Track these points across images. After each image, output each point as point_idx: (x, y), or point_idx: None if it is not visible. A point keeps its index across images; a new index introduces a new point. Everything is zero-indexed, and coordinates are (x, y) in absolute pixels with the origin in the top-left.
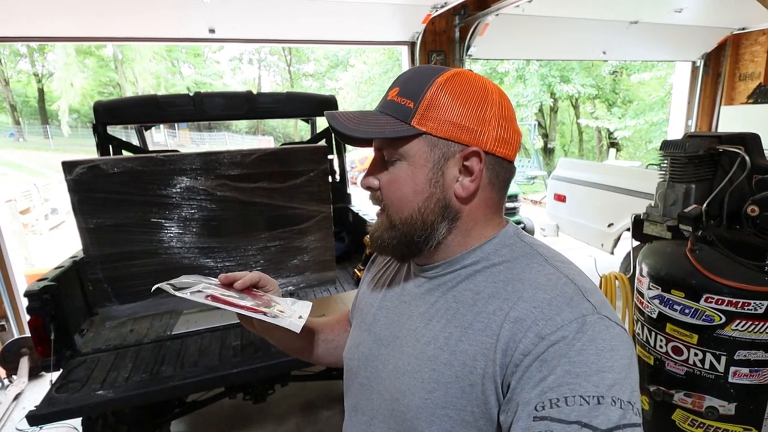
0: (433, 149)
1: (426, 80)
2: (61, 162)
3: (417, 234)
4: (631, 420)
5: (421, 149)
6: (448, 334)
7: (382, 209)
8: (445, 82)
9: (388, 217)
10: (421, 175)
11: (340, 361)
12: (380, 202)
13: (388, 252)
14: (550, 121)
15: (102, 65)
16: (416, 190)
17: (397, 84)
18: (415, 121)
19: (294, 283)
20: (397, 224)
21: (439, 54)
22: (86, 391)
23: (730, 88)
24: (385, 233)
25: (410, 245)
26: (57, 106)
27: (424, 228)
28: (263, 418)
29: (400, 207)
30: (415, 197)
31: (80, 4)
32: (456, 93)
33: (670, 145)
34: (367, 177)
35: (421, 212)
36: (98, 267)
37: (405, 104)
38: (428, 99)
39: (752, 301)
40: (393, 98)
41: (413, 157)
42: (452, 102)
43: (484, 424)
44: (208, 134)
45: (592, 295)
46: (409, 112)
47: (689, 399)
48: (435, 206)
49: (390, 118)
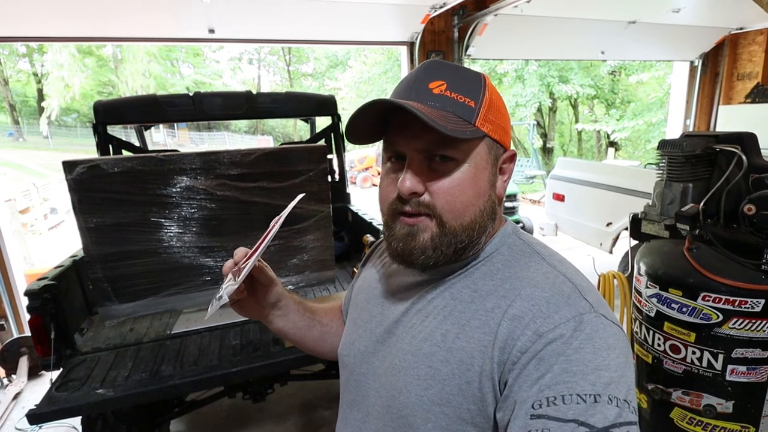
0: (490, 151)
1: (477, 79)
2: (62, 161)
3: (474, 238)
4: (627, 418)
5: (482, 151)
6: (445, 330)
7: (427, 216)
8: (491, 85)
9: (441, 225)
10: (483, 178)
11: (331, 351)
12: (427, 208)
13: (437, 263)
14: (549, 121)
15: (102, 65)
16: (478, 192)
17: (439, 77)
18: (479, 121)
19: (293, 282)
20: (456, 230)
21: (438, 54)
22: (86, 390)
23: (728, 88)
24: (438, 240)
25: (461, 251)
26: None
27: (480, 231)
28: (262, 417)
29: (462, 212)
30: (477, 200)
31: (80, 4)
32: (498, 96)
33: (667, 144)
34: (411, 181)
35: (482, 215)
36: (98, 266)
37: (466, 102)
38: (488, 100)
39: (749, 300)
40: (443, 93)
41: (476, 158)
42: (499, 104)
43: (480, 421)
44: (207, 134)
45: (589, 293)
46: (471, 111)
47: (687, 397)
48: (490, 208)
49: (452, 116)
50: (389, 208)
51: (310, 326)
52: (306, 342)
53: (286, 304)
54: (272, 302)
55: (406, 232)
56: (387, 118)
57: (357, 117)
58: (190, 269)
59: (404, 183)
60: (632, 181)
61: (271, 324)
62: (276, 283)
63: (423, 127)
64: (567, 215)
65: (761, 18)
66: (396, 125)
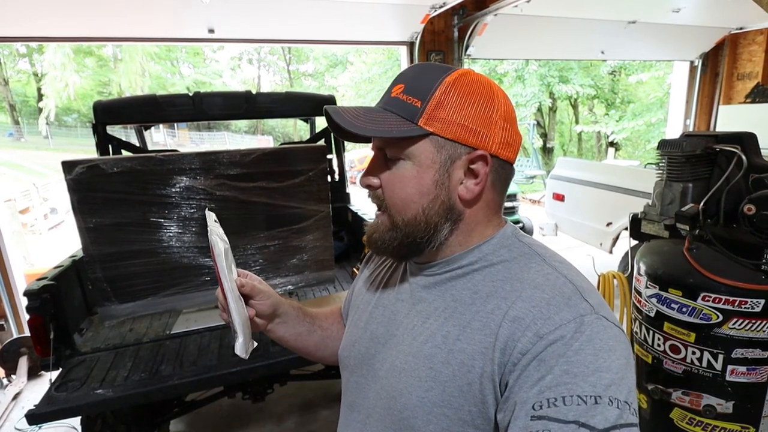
0: (440, 150)
1: (434, 79)
2: (61, 162)
3: (420, 235)
4: (628, 420)
5: (427, 150)
6: (446, 332)
7: (382, 209)
8: (454, 82)
9: (389, 218)
10: (427, 177)
11: (332, 355)
12: (381, 201)
13: (387, 253)
14: (549, 121)
15: (102, 65)
16: (421, 191)
17: (402, 81)
18: (422, 121)
19: (293, 283)
20: (399, 225)
21: (438, 54)
22: (85, 390)
23: (728, 88)
24: (386, 234)
25: (411, 246)
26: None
27: (428, 229)
28: (262, 417)
29: (403, 207)
30: (420, 198)
31: (79, 4)
32: (464, 94)
33: (667, 144)
34: (366, 175)
35: (426, 213)
36: (97, 266)
37: (411, 103)
38: (436, 99)
39: (749, 300)
40: (398, 95)
41: (419, 157)
42: (460, 103)
43: (481, 422)
44: (207, 134)
45: (589, 295)
46: (416, 111)
47: (687, 397)
48: (439, 208)
49: (396, 117)
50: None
51: (311, 331)
52: (308, 348)
53: (285, 311)
54: (269, 313)
55: (372, 224)
56: None
57: (326, 118)
58: (190, 269)
59: (362, 176)
60: (632, 181)
61: (272, 333)
62: (270, 294)
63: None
64: (567, 215)
65: (761, 18)
66: None
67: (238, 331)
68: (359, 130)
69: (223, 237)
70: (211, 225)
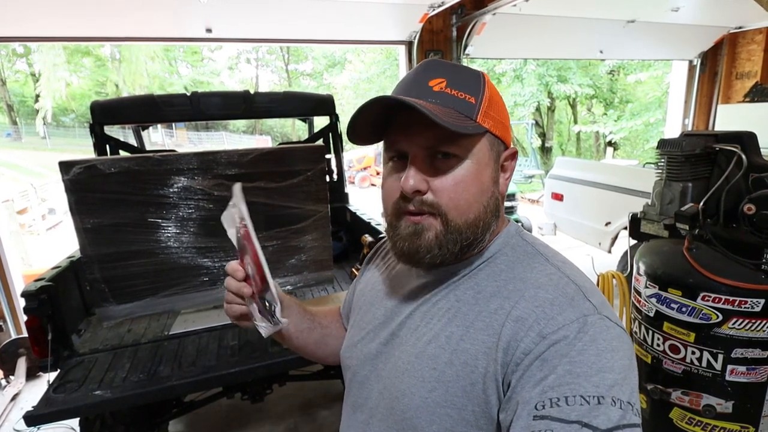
0: (492, 147)
1: (476, 76)
2: (58, 162)
3: (479, 235)
4: (630, 420)
5: (485, 147)
6: (450, 333)
7: (431, 214)
8: (490, 83)
9: (445, 223)
10: (487, 174)
11: (332, 354)
12: (431, 206)
13: (439, 259)
14: (547, 121)
15: (100, 65)
16: (482, 189)
17: (439, 75)
18: (480, 117)
19: (292, 283)
20: (461, 227)
21: (437, 53)
22: (84, 392)
23: (726, 87)
24: (443, 238)
25: (466, 248)
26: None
27: (484, 228)
28: (261, 417)
29: (467, 209)
30: (481, 197)
31: (77, 4)
32: (497, 93)
33: (667, 143)
34: (414, 179)
35: (486, 212)
36: (95, 267)
37: (466, 99)
38: (488, 96)
39: (749, 299)
40: (443, 90)
41: (478, 155)
42: (498, 101)
43: (484, 423)
44: (205, 134)
45: (592, 295)
46: (472, 107)
47: (687, 397)
48: (494, 205)
49: (454, 112)
50: (393, 207)
51: (311, 328)
52: (308, 345)
53: (288, 305)
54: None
55: (412, 230)
56: (388, 118)
57: (359, 115)
58: (188, 270)
59: (407, 181)
60: (631, 181)
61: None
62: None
63: (425, 124)
64: (566, 215)
65: (760, 17)
66: (397, 124)
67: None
68: (443, 122)
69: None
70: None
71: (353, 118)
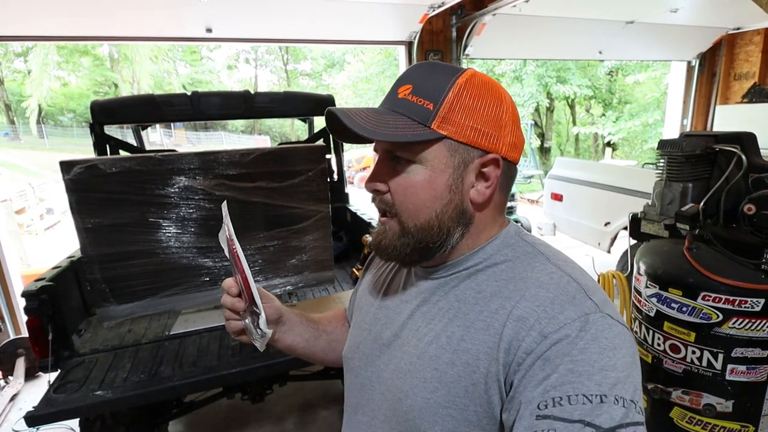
0: (453, 154)
1: (444, 81)
2: (59, 162)
3: (432, 240)
4: (633, 419)
5: (441, 154)
6: (451, 333)
7: (390, 214)
8: (465, 84)
9: (400, 224)
10: (441, 181)
11: (339, 360)
12: (389, 206)
13: (397, 259)
14: (546, 121)
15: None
16: (435, 195)
17: (408, 81)
18: (435, 124)
19: (292, 283)
20: (411, 230)
21: (436, 54)
22: (84, 392)
23: (725, 88)
24: (397, 240)
25: (423, 251)
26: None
27: (440, 234)
28: (261, 418)
29: (416, 213)
30: (434, 203)
31: (77, 3)
32: (475, 96)
33: (667, 144)
34: (372, 180)
35: (439, 218)
36: (96, 267)
37: (423, 105)
38: (449, 102)
39: (749, 299)
40: (406, 97)
41: (432, 161)
42: (473, 105)
43: (487, 423)
44: (204, 134)
45: (594, 293)
46: (428, 114)
47: (687, 397)
48: (452, 212)
49: (407, 119)
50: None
51: (316, 336)
52: (316, 353)
53: (288, 318)
54: (275, 318)
55: (379, 230)
56: None
57: (327, 120)
58: (189, 270)
59: (367, 180)
60: (630, 181)
61: (279, 342)
62: (273, 298)
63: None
64: (565, 215)
65: (758, 18)
66: None
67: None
68: (372, 135)
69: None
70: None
71: (326, 121)
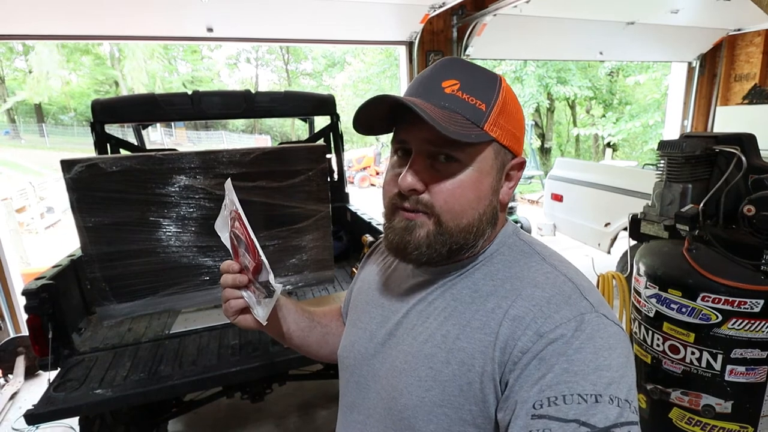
0: (497, 157)
1: (492, 82)
2: (60, 160)
3: (470, 241)
4: (628, 418)
5: (488, 156)
6: (446, 332)
7: (427, 213)
8: (507, 89)
9: (439, 224)
10: (486, 183)
11: (334, 353)
12: (427, 207)
13: (424, 257)
14: (546, 122)
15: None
16: (479, 196)
17: (453, 76)
18: (488, 126)
19: (292, 282)
20: (452, 231)
21: (437, 54)
22: (84, 391)
23: (725, 89)
24: (434, 239)
25: (455, 252)
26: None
27: (477, 235)
28: (261, 417)
29: (461, 213)
30: (478, 204)
31: (78, 3)
32: (514, 101)
33: (667, 145)
34: (411, 178)
35: (480, 219)
36: (96, 266)
37: (476, 105)
38: (500, 105)
39: (748, 300)
40: (455, 93)
41: (480, 162)
42: (513, 111)
43: (482, 422)
44: (204, 133)
45: (589, 293)
46: (481, 115)
47: (686, 397)
48: (491, 214)
49: (461, 118)
50: (390, 202)
51: (311, 327)
52: (311, 345)
53: (284, 304)
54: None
55: (404, 225)
56: (395, 113)
57: (363, 110)
58: (189, 269)
59: (405, 179)
60: (630, 182)
61: (274, 329)
62: None
63: (429, 126)
64: (565, 215)
65: (759, 19)
66: (404, 121)
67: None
68: (444, 130)
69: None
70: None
71: (357, 111)
